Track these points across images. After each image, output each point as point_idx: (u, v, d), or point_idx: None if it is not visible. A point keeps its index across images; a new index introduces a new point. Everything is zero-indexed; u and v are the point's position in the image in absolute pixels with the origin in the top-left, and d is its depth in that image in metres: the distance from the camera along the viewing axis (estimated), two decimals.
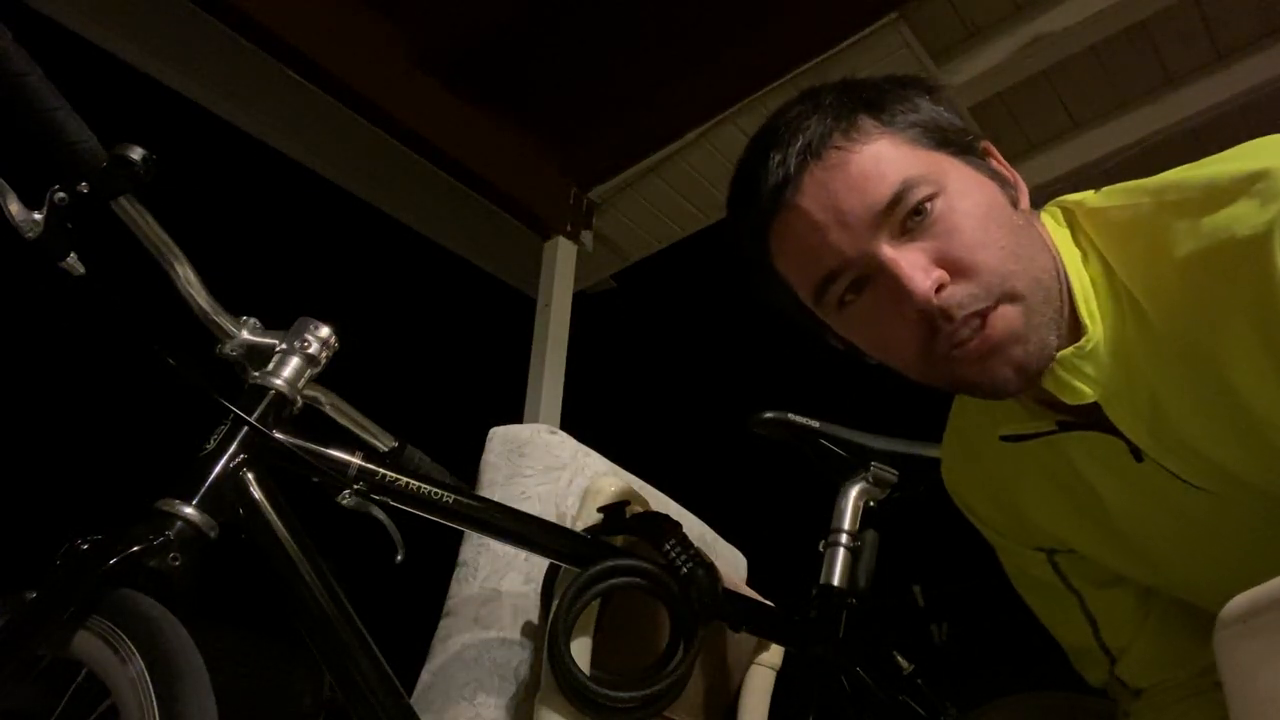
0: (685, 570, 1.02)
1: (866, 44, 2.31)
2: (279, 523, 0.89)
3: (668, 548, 1.03)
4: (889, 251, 0.78)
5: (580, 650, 1.03)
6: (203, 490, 0.86)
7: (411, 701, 0.95)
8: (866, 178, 0.79)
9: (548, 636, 1.00)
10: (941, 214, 0.78)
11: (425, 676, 1.15)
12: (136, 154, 0.89)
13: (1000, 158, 0.87)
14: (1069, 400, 0.81)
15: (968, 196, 0.80)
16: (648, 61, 2.46)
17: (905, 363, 0.85)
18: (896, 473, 1.31)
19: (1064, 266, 0.82)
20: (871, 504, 1.31)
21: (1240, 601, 0.56)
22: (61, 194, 0.88)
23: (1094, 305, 0.81)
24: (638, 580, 1.04)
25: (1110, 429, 0.84)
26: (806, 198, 0.81)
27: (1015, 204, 0.83)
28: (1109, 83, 2.50)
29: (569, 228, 2.79)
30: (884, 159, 0.79)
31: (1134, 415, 0.82)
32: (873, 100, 0.83)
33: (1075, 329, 0.82)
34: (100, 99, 1.11)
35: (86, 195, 0.88)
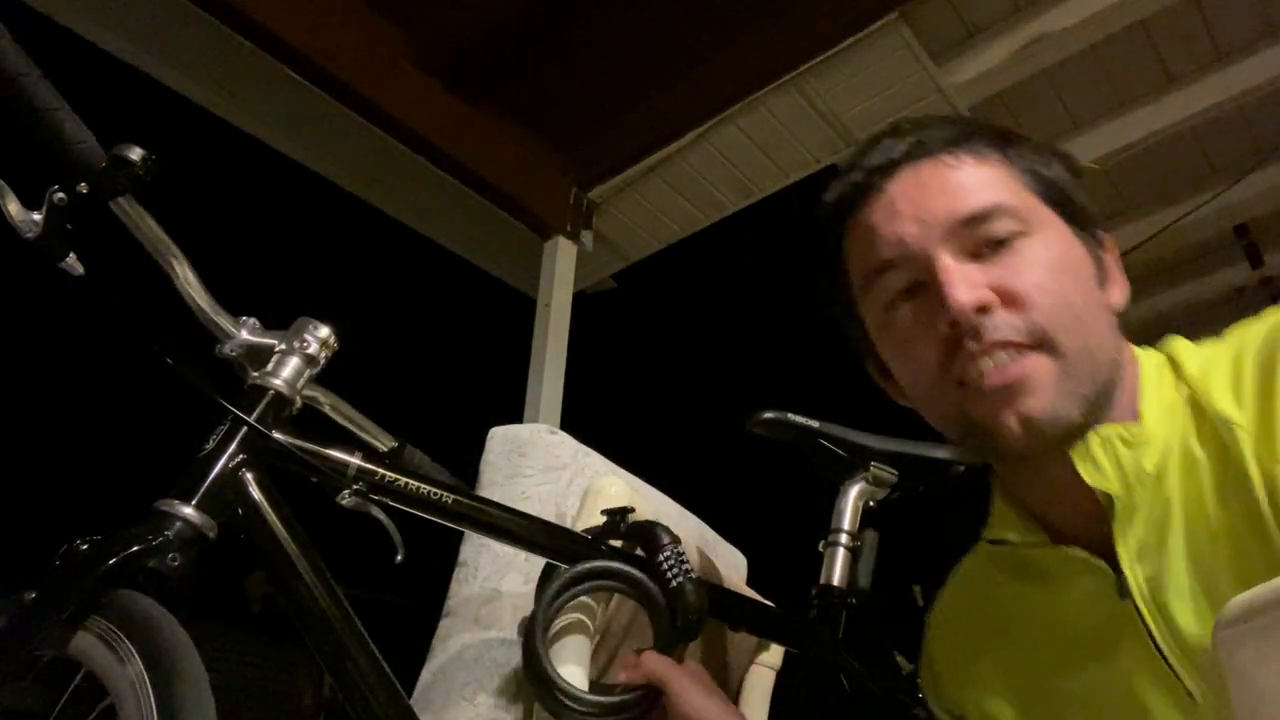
0: (674, 583, 1.00)
1: (866, 44, 2.31)
2: (278, 523, 0.89)
3: (660, 558, 1.02)
4: (946, 260, 0.77)
5: (578, 651, 1.03)
6: (202, 490, 0.86)
7: (411, 701, 0.95)
8: (961, 188, 0.79)
9: (524, 632, 0.98)
10: (1017, 250, 0.77)
11: (425, 676, 1.15)
12: (136, 154, 0.88)
13: (1117, 255, 0.84)
14: (1088, 479, 0.76)
15: (1053, 248, 0.78)
16: (647, 61, 2.46)
17: (921, 386, 0.82)
18: (896, 473, 1.31)
19: (1139, 371, 0.80)
20: (871, 504, 1.31)
21: (1240, 601, 0.56)
22: (60, 194, 0.88)
23: (1152, 406, 0.77)
24: (620, 585, 1.02)
25: (1104, 551, 0.78)
26: (897, 185, 0.81)
27: (1101, 284, 0.81)
28: (1109, 83, 2.50)
29: (569, 228, 2.79)
30: (987, 182, 0.79)
31: (1139, 536, 0.76)
32: (1006, 139, 0.83)
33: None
34: (100, 99, 1.11)
35: (86, 195, 0.88)
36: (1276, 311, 0.75)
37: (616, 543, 1.09)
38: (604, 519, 1.11)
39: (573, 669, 1.01)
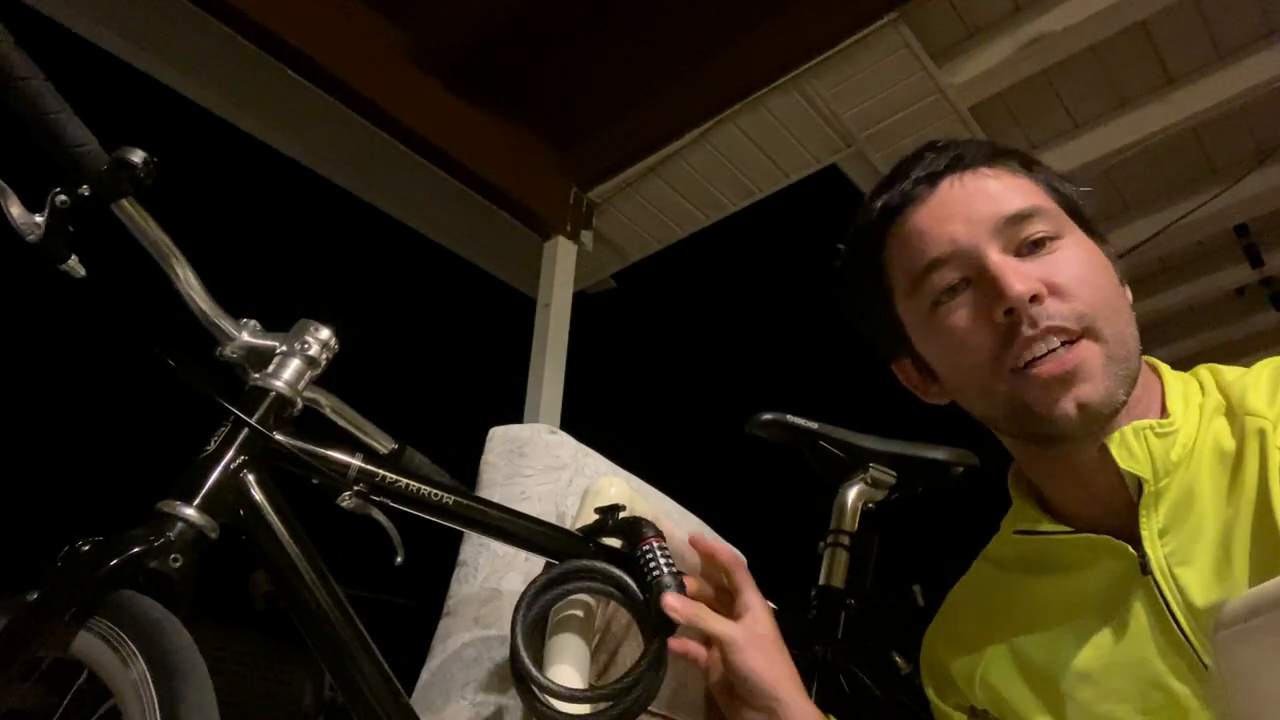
0: (650, 578, 0.98)
1: (866, 44, 2.32)
2: (279, 524, 0.89)
3: (639, 552, 1.01)
4: (996, 256, 0.84)
5: (575, 651, 1.03)
6: (203, 492, 0.86)
7: (411, 701, 0.95)
8: (1003, 192, 0.87)
9: (510, 634, 0.98)
10: (1054, 250, 0.85)
11: (425, 676, 1.15)
12: (137, 157, 0.88)
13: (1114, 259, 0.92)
14: (1123, 464, 0.82)
15: (1083, 249, 0.87)
16: (648, 61, 2.46)
17: (973, 374, 0.87)
18: (894, 474, 1.31)
19: (1161, 376, 0.89)
20: (870, 505, 1.32)
21: (1240, 601, 0.56)
22: (63, 197, 0.88)
23: (1179, 405, 0.85)
24: (598, 584, 1.01)
25: (1125, 536, 0.84)
26: (941, 194, 0.89)
27: (1122, 284, 0.90)
28: (1109, 83, 2.51)
29: (569, 228, 2.79)
30: (1022, 189, 0.88)
31: (1162, 517, 0.83)
32: (1025, 159, 0.92)
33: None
34: (100, 100, 1.11)
35: (88, 198, 0.88)
36: None
37: (610, 540, 1.09)
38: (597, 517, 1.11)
39: (567, 669, 1.01)
